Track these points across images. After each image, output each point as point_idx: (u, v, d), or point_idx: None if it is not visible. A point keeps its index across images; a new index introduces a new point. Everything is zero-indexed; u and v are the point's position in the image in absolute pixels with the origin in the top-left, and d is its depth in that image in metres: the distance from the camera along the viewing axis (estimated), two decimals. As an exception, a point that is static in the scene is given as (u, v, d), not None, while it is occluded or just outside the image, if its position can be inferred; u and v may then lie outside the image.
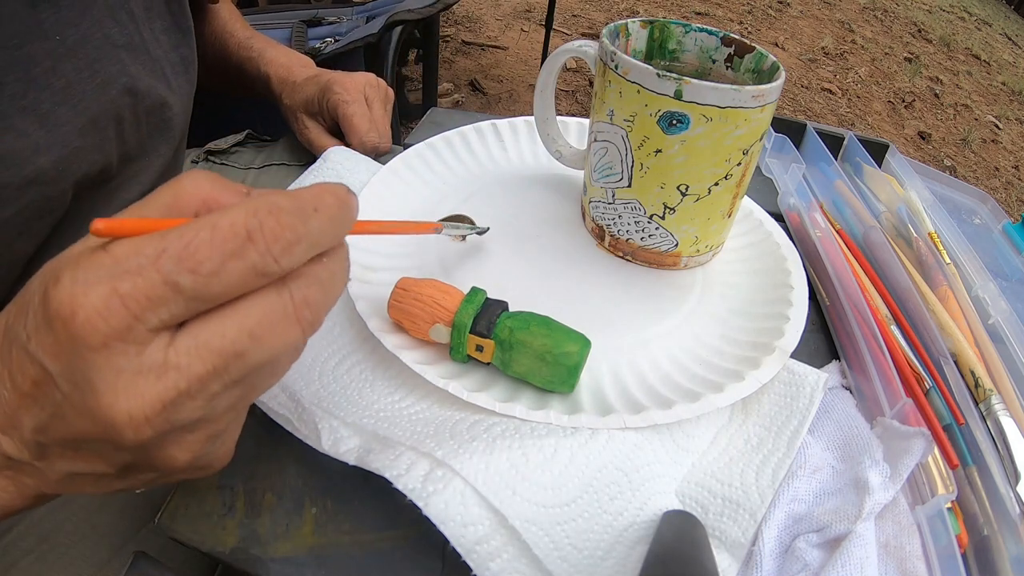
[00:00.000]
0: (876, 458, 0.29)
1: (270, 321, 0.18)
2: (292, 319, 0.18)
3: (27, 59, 0.31)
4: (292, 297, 0.18)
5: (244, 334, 0.18)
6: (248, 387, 0.19)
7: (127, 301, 0.16)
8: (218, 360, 0.17)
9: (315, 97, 0.49)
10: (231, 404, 0.19)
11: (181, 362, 0.17)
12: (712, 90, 0.30)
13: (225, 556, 0.26)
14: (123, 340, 0.17)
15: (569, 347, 0.28)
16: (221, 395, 0.18)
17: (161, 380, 0.17)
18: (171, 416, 0.17)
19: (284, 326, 0.18)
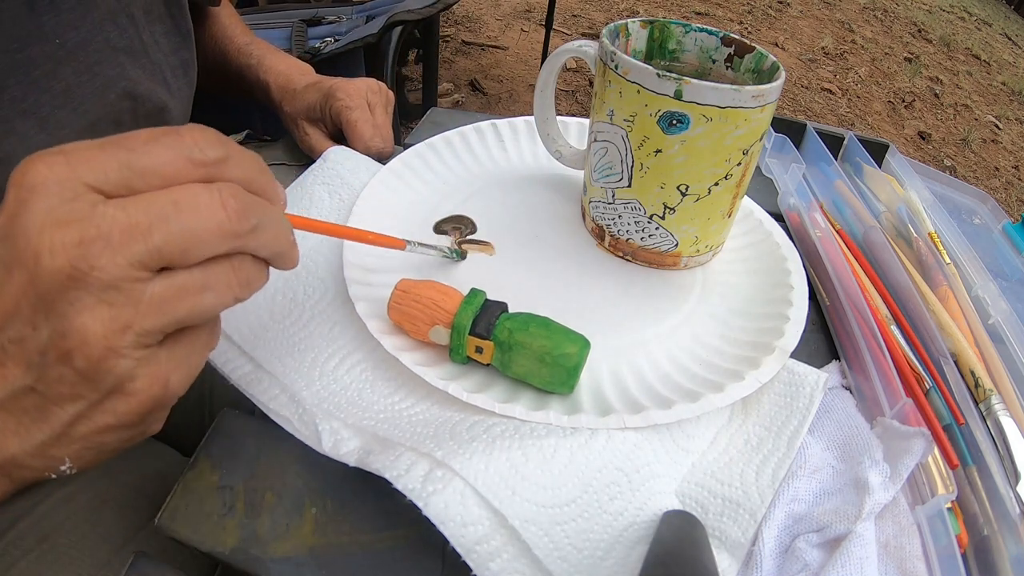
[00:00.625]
0: (876, 458, 0.29)
1: (194, 196, 0.19)
2: (216, 202, 0.20)
3: (27, 62, 0.31)
4: (219, 190, 0.20)
5: (168, 201, 0.19)
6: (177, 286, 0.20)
7: (70, 158, 0.19)
8: (141, 216, 0.19)
9: (317, 104, 0.49)
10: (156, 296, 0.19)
11: (107, 211, 0.18)
12: (712, 90, 0.30)
13: (225, 556, 0.26)
14: (59, 185, 0.18)
15: (568, 348, 0.28)
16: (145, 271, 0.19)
17: (85, 220, 0.18)
18: (88, 255, 0.18)
19: (208, 205, 0.19)
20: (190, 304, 0.20)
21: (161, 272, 0.19)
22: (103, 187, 0.19)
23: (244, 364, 0.31)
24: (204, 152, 0.20)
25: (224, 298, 0.21)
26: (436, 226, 0.40)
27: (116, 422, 0.21)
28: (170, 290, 0.19)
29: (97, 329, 0.19)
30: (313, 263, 0.37)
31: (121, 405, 0.20)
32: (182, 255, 0.19)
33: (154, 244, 0.19)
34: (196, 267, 0.20)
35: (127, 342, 0.19)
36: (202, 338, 0.22)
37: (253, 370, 0.31)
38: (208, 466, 0.29)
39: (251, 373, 0.31)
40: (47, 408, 0.20)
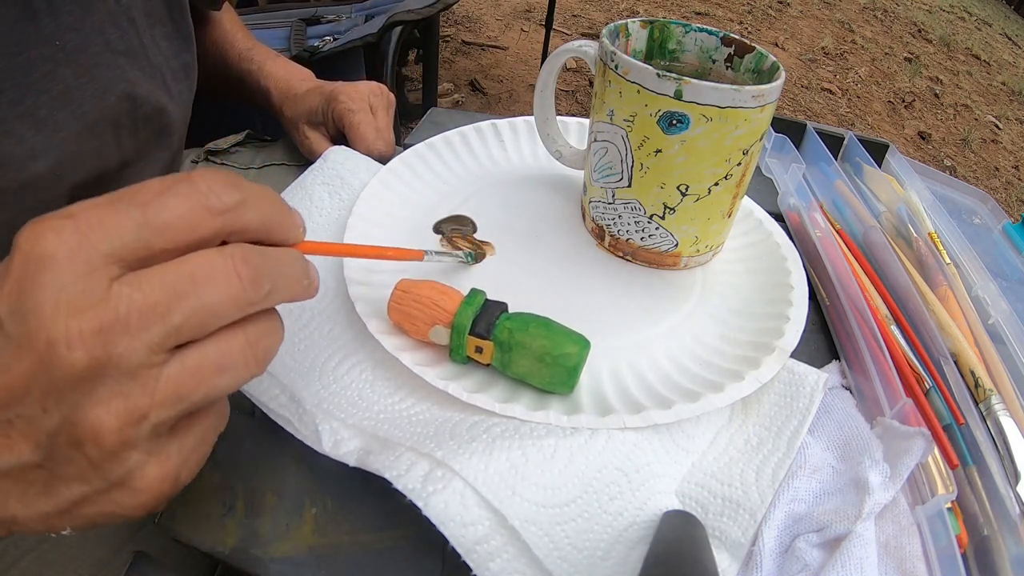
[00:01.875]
0: (876, 458, 0.29)
1: (210, 267, 0.19)
2: (231, 271, 0.19)
3: (26, 64, 0.31)
4: (232, 255, 0.19)
5: (185, 274, 0.18)
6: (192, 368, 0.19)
7: (80, 223, 0.17)
8: (159, 295, 0.18)
9: (319, 107, 0.49)
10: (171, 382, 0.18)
11: (123, 291, 0.18)
12: (712, 90, 0.30)
13: (225, 556, 0.26)
14: (71, 258, 0.17)
15: (568, 348, 0.28)
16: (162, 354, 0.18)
17: (103, 303, 0.17)
18: (107, 344, 0.17)
19: (224, 274, 0.19)
20: (206, 388, 0.19)
21: (175, 352, 0.19)
22: (119, 253, 0.18)
23: (244, 364, 0.31)
24: (220, 199, 0.19)
25: (241, 376, 0.20)
26: (436, 226, 0.40)
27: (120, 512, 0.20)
28: (185, 374, 0.19)
29: (112, 423, 0.18)
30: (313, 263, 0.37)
31: (127, 499, 0.20)
32: (199, 331, 0.19)
33: (173, 324, 0.18)
34: (210, 344, 0.19)
35: (140, 434, 0.18)
36: (211, 421, 0.22)
37: (253, 370, 0.31)
38: (208, 466, 0.29)
39: (251, 373, 0.31)
40: (54, 484, 0.19)
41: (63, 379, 0.17)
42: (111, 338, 0.17)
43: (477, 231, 0.40)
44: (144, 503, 0.20)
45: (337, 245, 0.26)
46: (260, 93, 0.54)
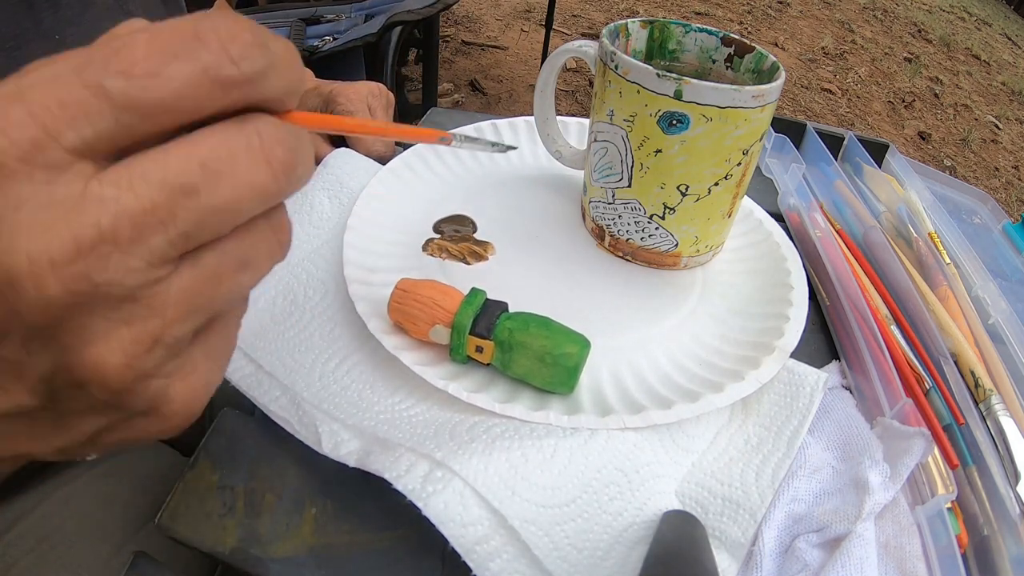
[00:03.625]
0: (876, 458, 0.29)
1: (229, 151, 0.14)
2: (259, 156, 0.14)
3: (26, 59, 0.31)
4: (259, 133, 0.14)
5: (194, 164, 0.13)
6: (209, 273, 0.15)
7: (34, 108, 0.13)
8: (158, 194, 0.13)
9: (317, 108, 0.49)
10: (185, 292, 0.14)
11: (106, 193, 0.13)
12: (712, 90, 0.30)
13: (225, 556, 0.26)
14: (27, 161, 0.12)
15: (568, 348, 0.28)
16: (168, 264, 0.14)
17: (76, 214, 0.13)
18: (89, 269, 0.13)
19: (249, 161, 0.14)
20: (227, 291, 0.15)
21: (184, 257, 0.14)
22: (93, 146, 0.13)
23: (245, 366, 0.31)
24: (239, 65, 0.14)
25: (264, 270, 0.16)
26: (436, 226, 0.40)
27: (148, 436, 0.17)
28: (199, 281, 0.15)
29: (115, 360, 0.14)
30: (313, 264, 0.37)
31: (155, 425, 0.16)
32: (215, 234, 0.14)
33: (179, 230, 0.13)
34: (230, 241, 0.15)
35: (156, 359, 0.15)
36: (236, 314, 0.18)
37: (254, 372, 0.31)
38: (208, 466, 0.29)
39: (252, 375, 0.31)
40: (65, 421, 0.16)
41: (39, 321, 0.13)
42: (94, 261, 0.13)
43: (477, 231, 0.40)
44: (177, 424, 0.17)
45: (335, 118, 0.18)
46: None
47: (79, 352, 0.14)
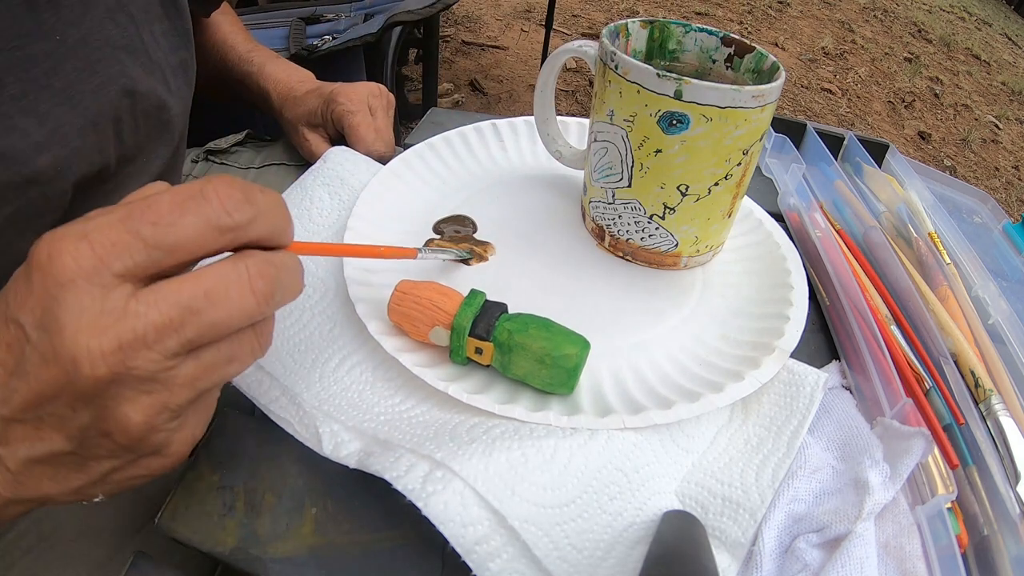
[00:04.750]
0: (876, 458, 0.29)
1: (225, 284, 0.20)
2: (246, 287, 0.20)
3: (27, 60, 0.31)
4: (247, 268, 0.20)
5: (199, 292, 0.19)
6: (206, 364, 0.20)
7: (94, 245, 0.18)
8: (174, 312, 0.19)
9: (318, 109, 0.49)
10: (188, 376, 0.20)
11: (140, 310, 0.19)
12: (712, 90, 0.30)
13: (225, 556, 0.26)
14: (89, 280, 0.18)
15: (568, 349, 0.28)
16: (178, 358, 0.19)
17: (120, 322, 0.18)
18: (126, 359, 0.18)
19: (238, 291, 0.20)
20: (219, 376, 0.21)
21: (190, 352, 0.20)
22: (132, 272, 0.19)
23: (244, 364, 0.31)
24: (232, 216, 0.20)
25: (247, 363, 0.22)
26: (436, 226, 0.40)
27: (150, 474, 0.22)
28: (199, 369, 0.20)
29: (138, 418, 0.19)
30: (313, 264, 0.37)
31: (156, 463, 0.22)
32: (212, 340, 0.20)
33: (187, 337, 0.19)
34: (223, 343, 0.21)
35: (163, 420, 0.20)
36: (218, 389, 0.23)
37: (254, 372, 0.31)
38: (208, 466, 0.29)
39: (252, 375, 0.31)
40: (86, 463, 0.21)
41: (89, 389, 0.19)
42: (130, 353, 0.19)
43: (477, 231, 0.40)
44: (172, 464, 0.22)
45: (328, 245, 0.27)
46: (260, 95, 0.54)
47: (112, 411, 0.19)
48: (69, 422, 0.20)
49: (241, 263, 0.20)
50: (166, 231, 0.19)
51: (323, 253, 0.27)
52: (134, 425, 0.20)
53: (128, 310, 0.19)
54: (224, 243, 0.20)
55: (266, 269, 0.21)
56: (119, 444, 0.20)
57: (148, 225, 0.19)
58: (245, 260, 0.20)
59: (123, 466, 0.21)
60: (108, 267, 0.18)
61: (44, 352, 0.18)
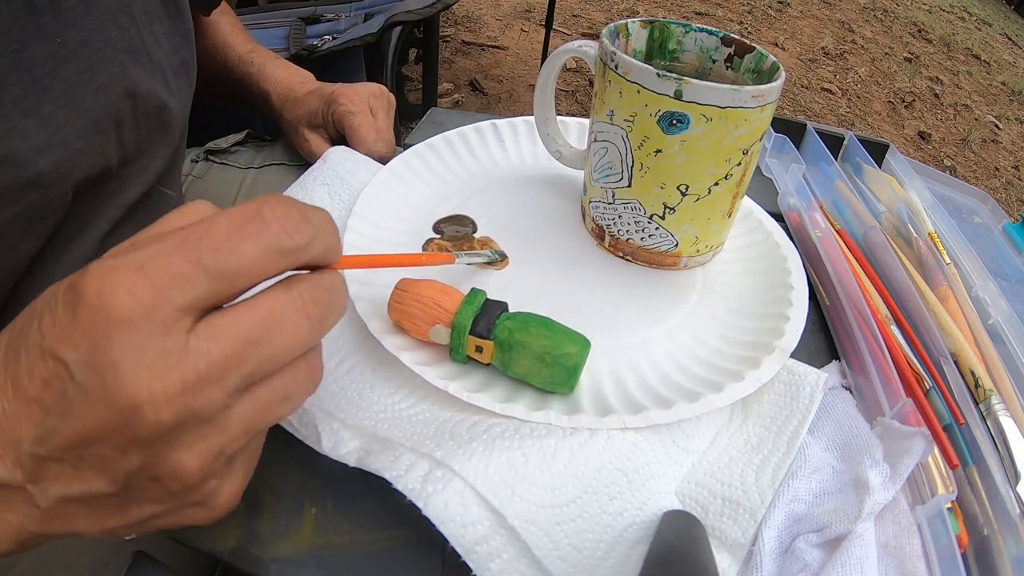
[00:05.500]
0: (876, 458, 0.29)
1: (282, 312, 0.19)
2: (301, 314, 0.19)
3: (28, 62, 0.31)
4: (300, 294, 0.19)
5: (259, 322, 0.18)
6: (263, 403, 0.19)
7: (153, 278, 0.17)
8: (236, 345, 0.18)
9: (319, 110, 0.49)
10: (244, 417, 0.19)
11: (201, 346, 0.17)
12: (712, 90, 0.30)
13: (225, 556, 0.26)
14: (148, 318, 0.17)
15: (568, 348, 0.28)
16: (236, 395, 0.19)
17: (183, 361, 0.17)
18: (190, 401, 0.17)
19: (294, 319, 0.19)
20: (273, 417, 0.20)
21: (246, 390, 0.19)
22: (194, 305, 0.18)
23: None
24: (293, 238, 0.19)
25: (300, 401, 0.21)
26: (436, 226, 0.40)
27: (192, 523, 0.21)
28: (256, 409, 0.19)
29: (194, 464, 0.19)
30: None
31: (201, 514, 0.21)
32: (270, 372, 0.19)
33: (247, 372, 0.18)
34: (278, 379, 0.20)
35: (219, 465, 0.19)
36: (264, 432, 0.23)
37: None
38: (208, 466, 0.29)
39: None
40: (127, 507, 0.20)
41: (148, 434, 0.17)
42: (194, 395, 0.17)
43: (477, 231, 0.40)
44: (216, 516, 0.21)
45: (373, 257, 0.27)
46: (260, 96, 0.54)
47: (167, 456, 0.18)
48: (115, 464, 0.18)
49: (294, 290, 0.19)
50: (228, 258, 0.18)
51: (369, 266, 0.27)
52: (189, 472, 0.19)
53: (190, 347, 0.17)
54: (285, 266, 0.19)
55: (318, 294, 0.20)
56: (168, 490, 0.19)
57: (208, 252, 0.18)
58: (297, 286, 0.20)
59: (165, 513, 0.20)
60: (169, 301, 0.17)
61: (94, 394, 0.17)
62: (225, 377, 0.18)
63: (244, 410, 0.19)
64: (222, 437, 0.19)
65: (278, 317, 0.19)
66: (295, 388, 0.20)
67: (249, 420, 0.19)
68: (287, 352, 0.19)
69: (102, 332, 0.17)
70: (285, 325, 0.19)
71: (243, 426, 0.19)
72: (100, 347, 0.17)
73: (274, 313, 0.19)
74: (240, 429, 0.19)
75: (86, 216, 0.37)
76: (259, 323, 0.18)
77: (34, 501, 0.19)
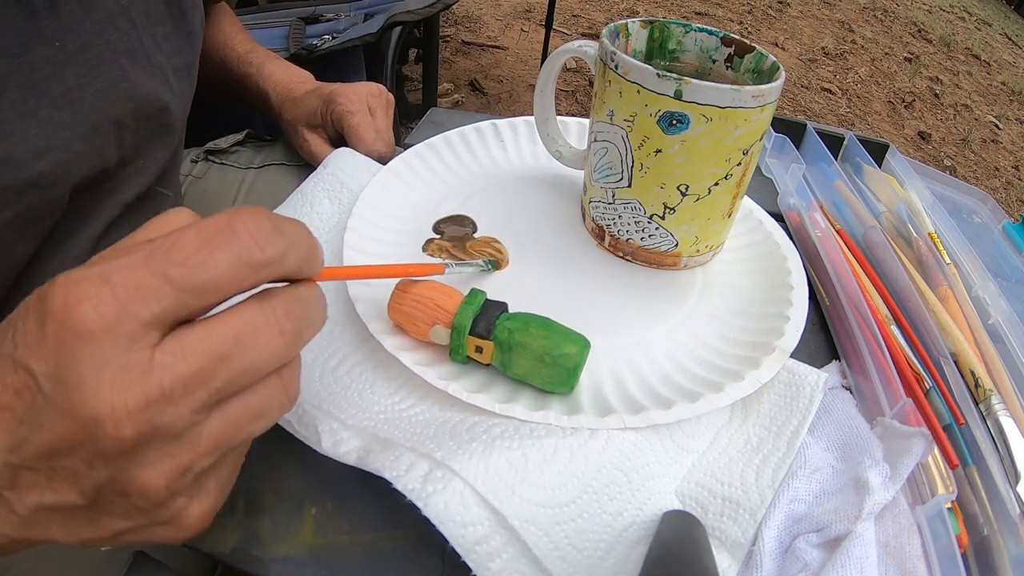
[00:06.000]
0: (876, 458, 0.29)
1: (253, 327, 0.18)
2: (274, 329, 0.19)
3: (28, 66, 0.31)
4: (274, 309, 0.19)
5: (228, 337, 0.18)
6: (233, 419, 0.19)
7: (117, 291, 0.17)
8: (203, 361, 0.17)
9: (318, 109, 0.49)
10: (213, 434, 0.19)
11: (167, 361, 0.17)
12: (712, 90, 0.30)
13: (225, 556, 0.26)
14: (111, 331, 0.17)
15: (568, 348, 0.28)
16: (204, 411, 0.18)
17: (147, 376, 0.17)
18: (153, 417, 0.17)
19: (267, 334, 0.19)
20: (245, 434, 0.20)
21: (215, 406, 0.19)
22: (159, 319, 0.17)
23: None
24: (264, 251, 0.18)
25: (274, 418, 0.21)
26: (436, 226, 0.40)
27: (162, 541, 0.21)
28: (226, 426, 0.19)
29: (159, 481, 0.18)
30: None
31: (170, 533, 0.20)
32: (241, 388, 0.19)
33: (215, 388, 0.18)
34: (249, 395, 0.19)
35: (185, 484, 0.19)
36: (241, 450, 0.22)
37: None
38: (208, 466, 0.29)
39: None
40: (98, 520, 0.19)
41: (111, 449, 0.17)
42: (157, 411, 0.17)
43: (477, 231, 0.40)
44: (186, 536, 0.21)
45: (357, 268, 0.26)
46: (259, 96, 0.54)
47: (132, 472, 0.18)
48: (84, 478, 0.18)
49: (267, 304, 0.19)
50: (195, 272, 0.17)
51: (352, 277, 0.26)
52: (154, 489, 0.18)
53: (155, 362, 0.17)
54: (257, 279, 0.19)
55: (293, 308, 0.19)
56: (136, 506, 0.19)
57: (175, 266, 0.17)
58: (271, 300, 0.19)
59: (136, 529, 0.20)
60: (133, 315, 0.17)
61: (60, 407, 0.17)
62: (191, 393, 0.17)
63: (213, 427, 0.19)
64: (190, 455, 0.18)
65: (249, 331, 0.18)
66: (268, 404, 0.20)
67: (219, 437, 0.19)
68: (259, 367, 0.19)
69: (67, 345, 0.17)
70: (257, 340, 0.18)
71: (212, 443, 0.19)
72: (64, 361, 0.17)
73: (245, 327, 0.18)
74: (209, 446, 0.19)
75: (83, 216, 0.37)
76: (229, 338, 0.18)
77: (12, 507, 0.19)
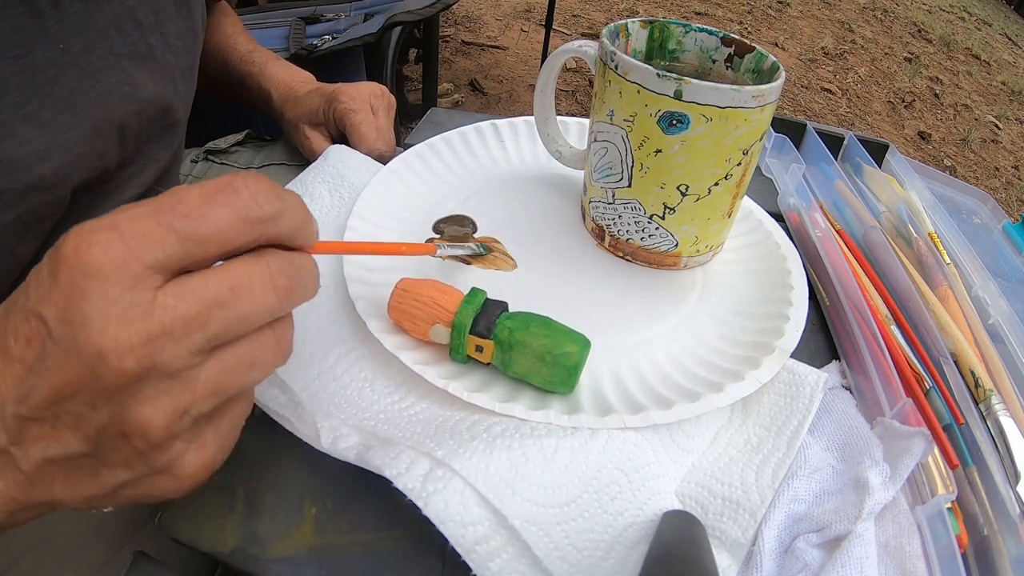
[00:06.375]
0: (876, 458, 0.29)
1: (249, 280, 0.20)
2: (268, 283, 0.20)
3: (30, 68, 0.31)
4: (268, 265, 0.20)
5: (225, 286, 0.19)
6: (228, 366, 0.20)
7: (125, 237, 0.18)
8: (201, 306, 0.19)
9: (320, 108, 0.49)
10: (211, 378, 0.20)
11: (168, 302, 0.18)
12: (712, 90, 0.30)
13: (225, 556, 0.26)
14: (118, 272, 0.18)
15: (568, 347, 0.28)
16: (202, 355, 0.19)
17: (149, 315, 0.18)
18: (154, 353, 0.18)
19: (261, 287, 0.20)
20: (241, 382, 0.21)
21: (213, 352, 0.20)
22: (162, 264, 0.19)
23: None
24: (262, 207, 0.20)
25: (270, 369, 0.22)
26: (436, 226, 0.40)
27: (160, 495, 0.21)
28: (222, 372, 0.20)
29: (159, 419, 0.19)
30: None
31: (169, 483, 0.21)
32: (234, 336, 0.20)
33: (212, 332, 0.19)
34: (244, 344, 0.21)
35: (183, 426, 0.20)
36: (241, 408, 0.23)
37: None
38: (208, 466, 0.29)
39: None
40: (99, 471, 0.20)
41: (113, 384, 0.18)
42: (157, 347, 0.18)
43: (477, 231, 0.40)
44: (184, 487, 0.21)
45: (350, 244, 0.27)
46: (261, 96, 0.54)
47: (132, 408, 0.19)
48: (87, 421, 0.19)
49: (263, 260, 0.20)
50: (198, 222, 0.19)
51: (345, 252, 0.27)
52: (153, 428, 0.19)
53: (157, 303, 0.18)
54: (254, 235, 0.20)
55: (287, 267, 0.21)
56: (135, 448, 0.20)
57: (180, 217, 0.19)
58: (267, 257, 0.21)
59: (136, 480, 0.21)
60: (139, 258, 0.18)
61: (67, 346, 0.18)
62: (189, 335, 0.19)
63: (210, 371, 0.20)
64: (187, 395, 0.19)
65: (245, 283, 0.20)
66: (262, 355, 0.21)
67: (216, 382, 0.20)
68: (253, 318, 0.20)
69: (76, 286, 0.18)
70: (252, 291, 0.20)
71: (209, 387, 0.20)
72: (73, 300, 0.18)
73: (241, 279, 0.20)
74: (207, 390, 0.20)
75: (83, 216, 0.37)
76: (225, 287, 0.19)
77: (18, 464, 0.20)
